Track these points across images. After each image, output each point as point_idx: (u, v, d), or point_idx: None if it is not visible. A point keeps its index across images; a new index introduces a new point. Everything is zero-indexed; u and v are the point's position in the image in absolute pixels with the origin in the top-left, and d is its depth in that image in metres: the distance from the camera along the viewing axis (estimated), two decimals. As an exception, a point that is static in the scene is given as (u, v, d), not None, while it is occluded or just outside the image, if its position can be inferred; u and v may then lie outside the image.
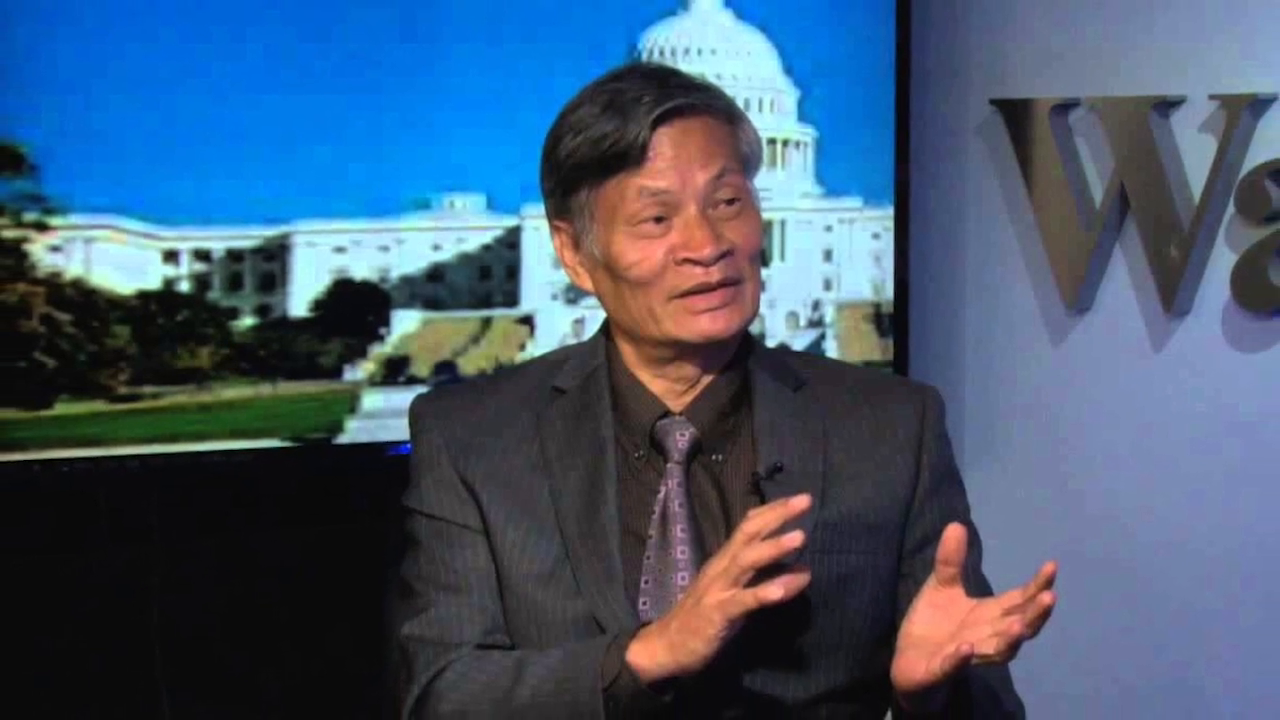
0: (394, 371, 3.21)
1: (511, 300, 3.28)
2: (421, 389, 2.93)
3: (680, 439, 2.09)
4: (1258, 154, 3.24)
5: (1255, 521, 3.30)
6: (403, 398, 2.62)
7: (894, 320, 3.55)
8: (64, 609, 3.15)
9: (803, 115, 3.47)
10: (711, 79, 2.17)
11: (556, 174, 2.08)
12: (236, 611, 3.27)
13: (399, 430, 2.39)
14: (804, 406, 2.12)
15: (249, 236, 3.09)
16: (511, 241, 3.26)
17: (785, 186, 3.47)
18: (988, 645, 1.88)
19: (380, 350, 3.20)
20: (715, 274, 2.04)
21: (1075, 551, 3.39)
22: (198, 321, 3.08)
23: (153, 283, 3.04)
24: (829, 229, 3.51)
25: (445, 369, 3.24)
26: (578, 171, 2.06)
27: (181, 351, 3.07)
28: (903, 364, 3.54)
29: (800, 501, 1.90)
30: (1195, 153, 3.31)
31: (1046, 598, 1.87)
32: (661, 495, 2.07)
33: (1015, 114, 3.51)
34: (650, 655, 1.94)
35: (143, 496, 3.16)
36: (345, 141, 3.12)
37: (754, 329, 2.14)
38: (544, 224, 2.15)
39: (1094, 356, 3.49)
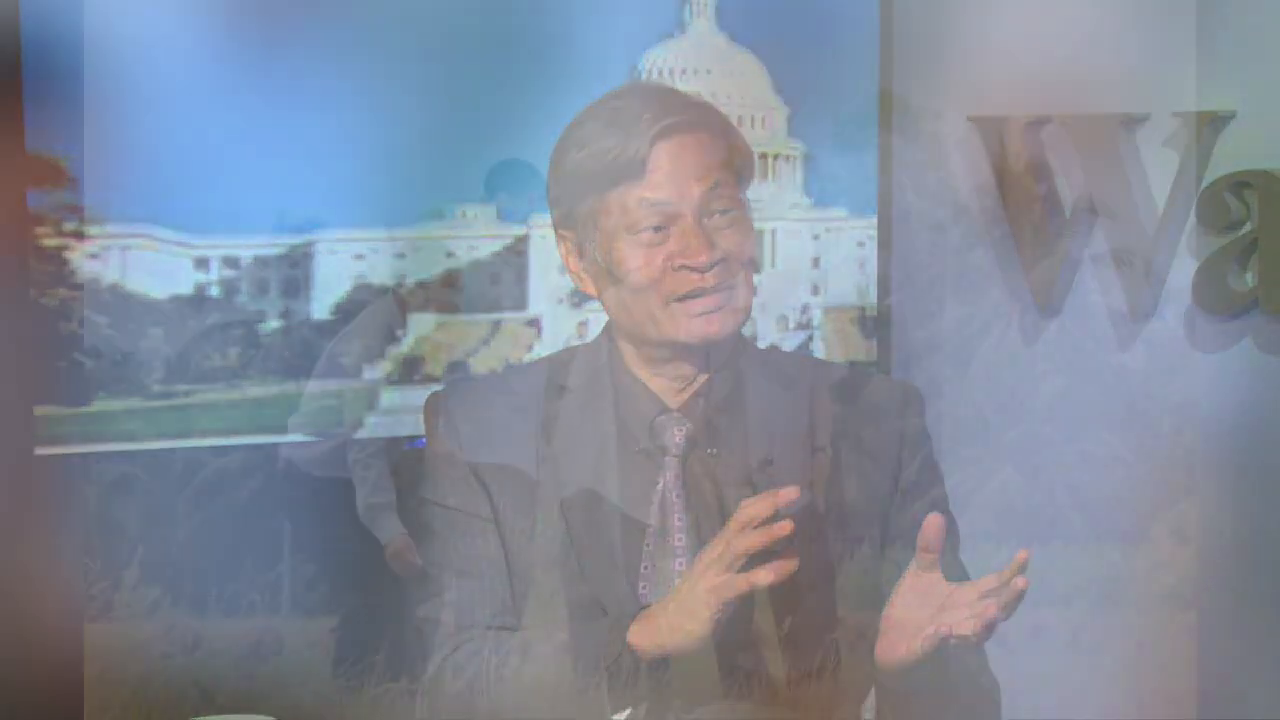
0: (410, 370, 3.20)
1: (520, 304, 3.28)
2: (436, 387, 2.93)
3: (678, 434, 2.09)
4: (1217, 167, 3.23)
5: (1214, 510, 3.30)
6: (418, 395, 2.63)
7: (877, 323, 3.54)
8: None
9: (792, 131, 3.47)
10: (707, 97, 2.16)
11: (562, 186, 2.08)
12: (262, 594, 3.26)
13: (415, 425, 2.39)
14: (793, 403, 2.12)
15: (275, 245, 3.09)
16: (520, 249, 3.26)
17: (776, 197, 3.46)
18: (965, 627, 1.88)
19: (397, 351, 3.20)
20: (710, 279, 2.04)
21: (1046, 539, 3.38)
22: (227, 324, 3.08)
23: (185, 288, 3.04)
24: (816, 237, 3.50)
25: (458, 368, 3.24)
26: (582, 184, 2.06)
27: (212, 352, 3.07)
28: (885, 364, 3.54)
29: (789, 492, 1.90)
30: (1159, 166, 3.30)
31: (1020, 582, 1.87)
32: (660, 486, 2.07)
33: (991, 130, 3.50)
34: (649, 636, 1.94)
35: (175, 488, 3.16)
36: (364, 156, 3.11)
37: (746, 331, 2.14)
38: (550, 233, 2.15)
39: (1064, 357, 3.49)
